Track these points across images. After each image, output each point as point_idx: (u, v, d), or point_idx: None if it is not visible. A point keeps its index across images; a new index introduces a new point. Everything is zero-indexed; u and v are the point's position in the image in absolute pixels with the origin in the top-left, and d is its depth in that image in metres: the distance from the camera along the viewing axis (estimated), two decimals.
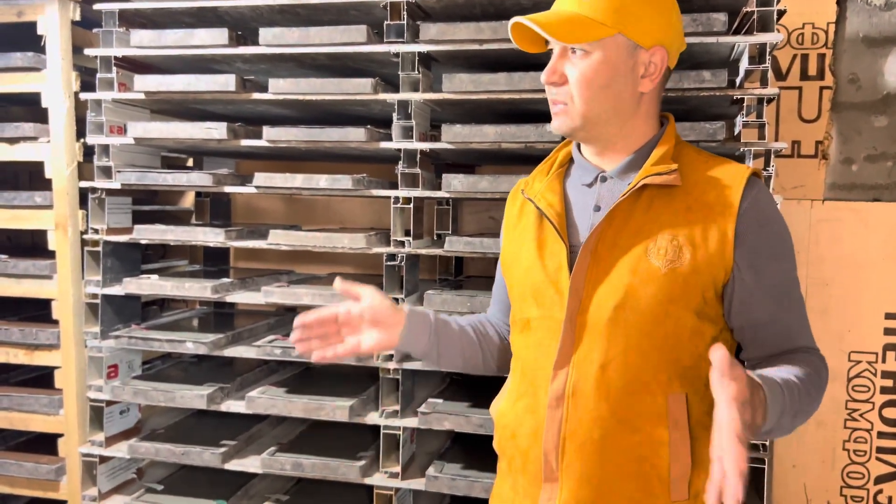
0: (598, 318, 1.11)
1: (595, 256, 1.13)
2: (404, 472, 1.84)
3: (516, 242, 1.27)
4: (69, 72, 1.97)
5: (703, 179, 1.13)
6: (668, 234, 1.10)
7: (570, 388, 1.12)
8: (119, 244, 2.02)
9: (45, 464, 2.06)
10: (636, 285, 1.09)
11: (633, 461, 1.10)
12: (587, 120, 1.14)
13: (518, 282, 1.24)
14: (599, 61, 1.11)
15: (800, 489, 2.28)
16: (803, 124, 2.28)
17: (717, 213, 1.10)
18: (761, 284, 1.11)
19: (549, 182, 1.25)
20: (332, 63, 1.91)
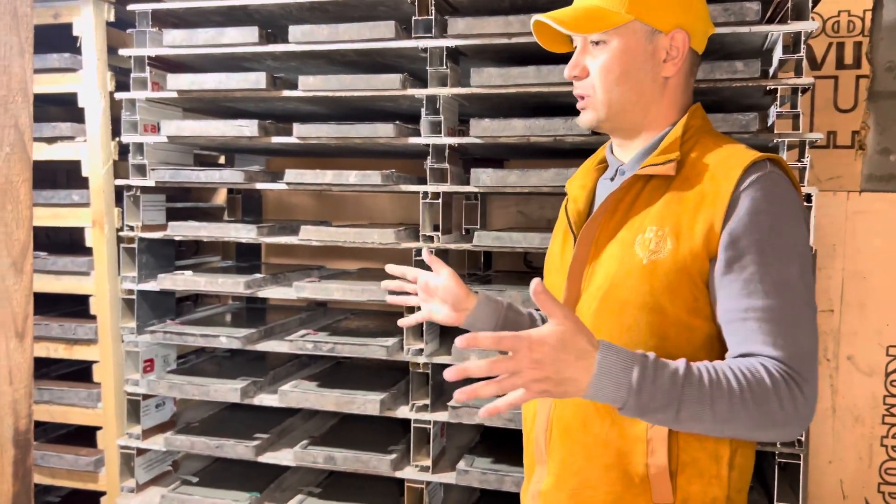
0: (587, 309, 1.11)
1: (595, 248, 1.14)
2: (435, 465, 1.85)
3: (553, 237, 1.32)
4: (104, 72, 2.01)
5: (707, 168, 1.08)
6: (656, 225, 1.07)
7: None
8: (154, 241, 2.06)
9: (85, 456, 2.11)
10: (620, 277, 1.08)
11: (613, 454, 1.08)
12: (610, 109, 1.14)
13: (546, 275, 1.28)
14: (618, 49, 1.12)
15: (836, 485, 2.24)
16: (839, 114, 2.23)
17: (708, 203, 1.04)
18: (732, 280, 1.01)
19: (582, 177, 1.28)
20: (360, 59, 1.92)
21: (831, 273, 2.21)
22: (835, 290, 2.21)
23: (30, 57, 0.67)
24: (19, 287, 0.69)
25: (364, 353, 1.86)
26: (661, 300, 1.05)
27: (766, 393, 0.94)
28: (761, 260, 1.00)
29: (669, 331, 1.05)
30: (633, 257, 1.07)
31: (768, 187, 1.03)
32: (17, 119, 0.65)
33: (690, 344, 1.05)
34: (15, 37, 0.65)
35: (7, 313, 0.68)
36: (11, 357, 0.68)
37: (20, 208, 0.69)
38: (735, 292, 1.01)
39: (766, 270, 1.00)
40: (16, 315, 0.69)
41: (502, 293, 1.76)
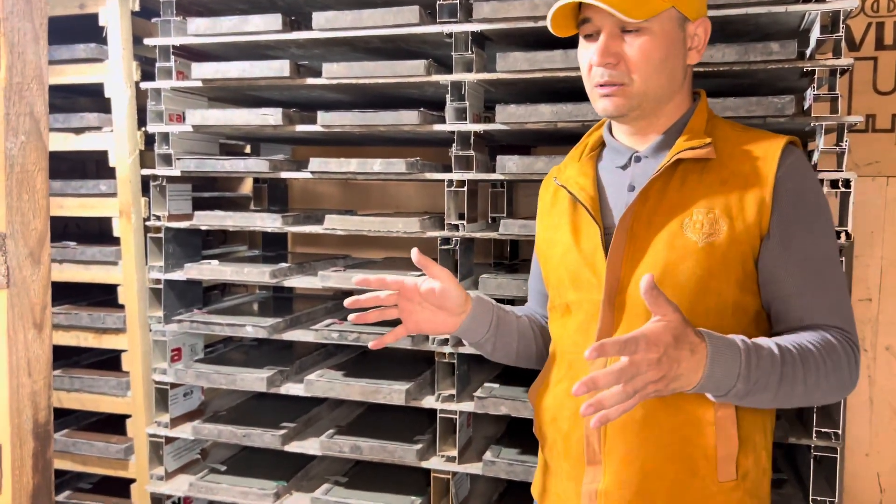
0: (637, 296, 1.08)
1: (631, 235, 1.12)
2: (461, 456, 1.84)
3: (551, 229, 1.27)
4: (130, 61, 2.01)
5: (739, 152, 1.12)
6: (704, 208, 1.08)
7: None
8: (180, 230, 2.07)
9: (115, 443, 2.13)
10: (674, 261, 1.08)
11: (677, 442, 1.08)
12: (644, 98, 1.12)
13: (555, 267, 1.24)
14: (658, 36, 1.10)
15: (873, 478, 2.19)
16: (878, 97, 2.16)
17: (753, 183, 1.08)
18: (789, 256, 1.08)
19: (580, 167, 1.25)
20: (384, 46, 1.89)
21: (869, 261, 2.14)
22: (873, 279, 2.14)
23: (44, 44, 0.66)
24: (37, 277, 0.68)
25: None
26: (718, 281, 1.08)
27: (839, 361, 1.03)
28: (812, 236, 1.08)
29: (726, 310, 1.08)
30: (685, 241, 1.08)
31: (805, 167, 1.11)
32: (32, 107, 0.64)
33: (742, 322, 1.10)
34: (29, 23, 0.64)
35: (25, 304, 0.67)
36: (30, 348, 0.67)
37: (37, 198, 0.68)
38: (792, 268, 1.07)
39: (816, 246, 1.08)
40: (34, 306, 0.69)
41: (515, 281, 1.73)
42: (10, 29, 0.63)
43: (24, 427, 0.66)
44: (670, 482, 1.09)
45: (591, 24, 1.13)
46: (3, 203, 0.65)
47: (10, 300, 0.66)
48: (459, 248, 1.81)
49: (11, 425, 0.67)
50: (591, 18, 1.12)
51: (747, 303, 1.10)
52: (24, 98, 0.62)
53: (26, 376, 0.66)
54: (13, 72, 0.63)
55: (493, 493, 1.99)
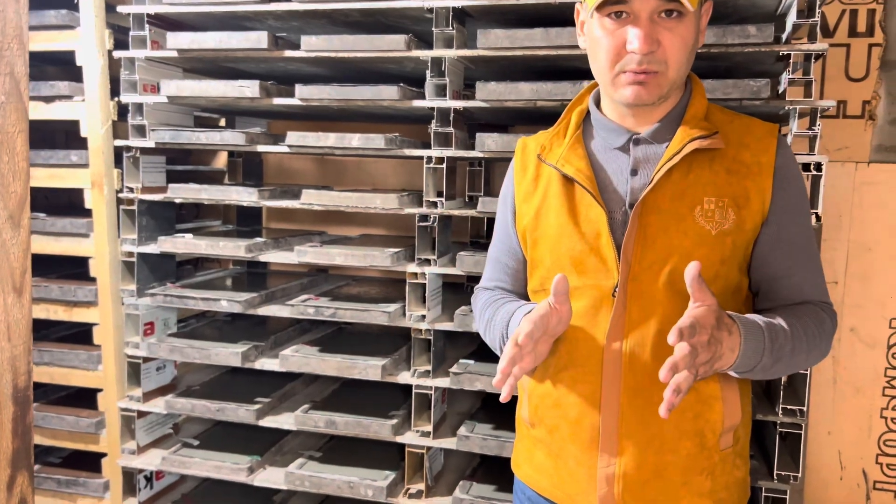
0: (652, 283, 1.10)
1: (643, 222, 1.11)
2: (436, 431, 1.86)
3: (540, 210, 1.21)
4: (102, 29, 1.97)
5: (736, 139, 1.14)
6: (714, 196, 1.10)
7: (626, 354, 1.11)
8: (154, 203, 2.04)
9: (86, 417, 2.11)
10: (689, 248, 1.09)
11: (691, 419, 1.13)
12: (673, 85, 1.11)
13: (547, 251, 1.19)
14: (692, 22, 1.08)
15: (834, 456, 2.26)
16: (850, 83, 2.20)
17: (756, 172, 1.12)
18: (781, 239, 1.13)
19: (570, 146, 1.20)
20: (364, 20, 1.88)
21: (836, 245, 2.19)
22: (839, 262, 2.20)
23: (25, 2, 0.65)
24: (17, 241, 0.67)
25: (366, 319, 1.85)
26: (727, 267, 1.12)
27: (828, 330, 1.14)
28: (801, 221, 1.15)
29: (728, 292, 1.14)
30: (699, 229, 1.10)
31: (793, 157, 1.17)
32: (12, 67, 0.63)
33: (738, 301, 1.16)
34: None
35: (4, 268, 0.66)
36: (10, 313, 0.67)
37: (17, 160, 0.66)
38: (784, 252, 1.14)
39: (803, 230, 1.16)
40: (13, 270, 0.68)
41: None
42: None
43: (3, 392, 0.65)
44: (684, 457, 1.13)
45: (626, 5, 1.05)
46: None
47: None
48: (437, 225, 1.81)
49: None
50: (629, 0, 1.05)
51: (743, 284, 1.16)
52: (3, 58, 0.60)
53: (6, 340, 0.65)
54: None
55: (467, 467, 2.02)
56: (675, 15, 1.05)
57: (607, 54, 1.08)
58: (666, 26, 1.05)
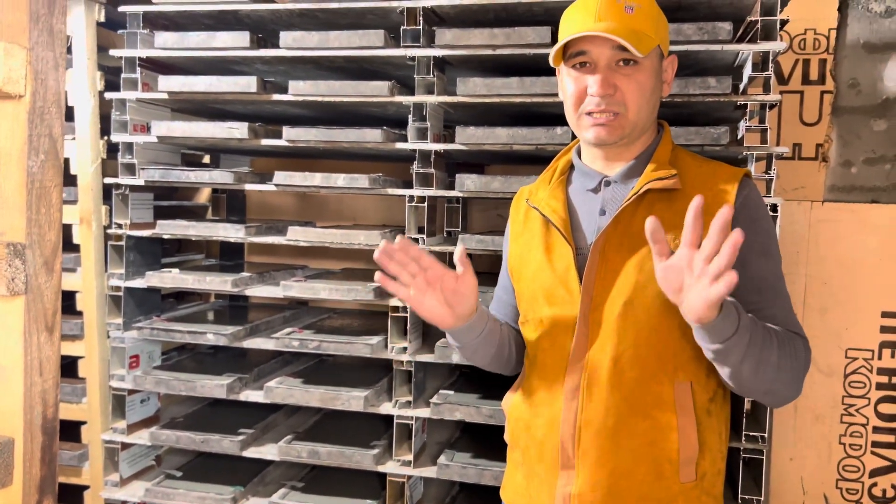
0: (610, 313, 1.18)
1: (603, 257, 1.20)
2: (416, 460, 1.92)
3: (524, 247, 1.34)
4: (94, 71, 2.04)
5: (700, 182, 1.22)
6: (670, 234, 1.13)
7: (585, 380, 1.19)
8: (141, 239, 2.09)
9: (69, 450, 2.13)
10: (643, 283, 1.17)
11: (645, 445, 1.17)
12: (634, 127, 1.21)
13: (528, 284, 1.31)
14: (650, 70, 1.20)
15: (797, 482, 2.35)
16: (804, 127, 2.34)
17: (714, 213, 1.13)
18: (747, 278, 1.16)
19: (552, 190, 1.32)
20: (349, 66, 1.97)
21: (794, 278, 2.32)
22: (797, 295, 2.32)
23: (63, 71, 0.72)
24: (50, 285, 0.74)
25: (350, 351, 1.91)
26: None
27: (798, 349, 1.15)
28: (765, 259, 1.20)
29: (686, 328, 1.15)
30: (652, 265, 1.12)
31: (758, 198, 1.23)
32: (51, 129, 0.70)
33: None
34: (50, 52, 0.70)
35: (39, 309, 0.73)
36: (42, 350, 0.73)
37: (52, 211, 0.73)
38: (749, 288, 1.17)
39: (768, 268, 1.20)
40: (46, 311, 0.74)
41: (485, 294, 1.83)
42: (35, 58, 0.69)
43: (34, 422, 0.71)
44: (638, 483, 1.17)
45: (586, 56, 1.19)
46: (23, 216, 0.70)
47: (27, 305, 0.72)
48: None
49: (24, 421, 0.72)
50: (588, 51, 1.18)
51: None
52: (44, 120, 0.68)
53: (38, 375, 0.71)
54: (36, 97, 0.69)
55: (447, 495, 2.08)
56: (632, 63, 1.18)
57: (572, 98, 1.22)
58: (623, 73, 1.18)
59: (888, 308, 2.24)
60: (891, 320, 2.24)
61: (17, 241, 0.72)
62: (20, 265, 0.72)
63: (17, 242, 0.72)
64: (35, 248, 0.72)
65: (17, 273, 0.71)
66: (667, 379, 1.18)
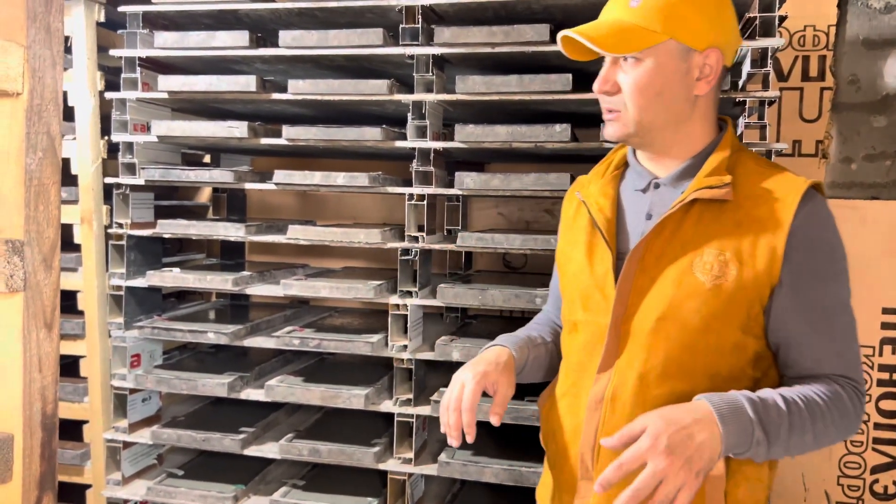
0: (642, 327, 1.11)
1: (642, 266, 1.12)
2: (417, 457, 1.92)
3: (570, 243, 1.27)
4: (94, 71, 2.04)
5: (757, 192, 1.10)
6: (716, 249, 1.08)
7: (609, 392, 1.12)
8: (142, 238, 2.10)
9: (71, 449, 2.13)
10: (680, 298, 1.08)
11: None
12: (641, 126, 1.13)
13: (568, 283, 1.25)
14: (652, 68, 1.10)
15: (798, 479, 2.35)
16: (804, 124, 2.34)
17: (768, 230, 1.07)
18: (798, 305, 1.07)
19: (602, 185, 1.24)
20: (348, 64, 1.98)
21: None
22: None
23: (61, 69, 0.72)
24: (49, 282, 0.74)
25: (350, 349, 1.92)
26: (720, 322, 1.08)
27: (845, 409, 1.07)
28: (824, 285, 1.08)
29: (724, 349, 1.09)
30: (693, 280, 1.08)
31: (823, 215, 1.09)
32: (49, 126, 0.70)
33: (740, 360, 1.10)
34: (48, 50, 0.70)
35: (38, 306, 0.73)
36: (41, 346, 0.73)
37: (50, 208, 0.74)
38: (802, 318, 1.08)
39: (827, 295, 1.09)
40: (45, 307, 0.74)
41: (484, 292, 1.84)
42: (33, 56, 0.69)
43: (34, 419, 0.72)
44: None
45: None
46: (21, 213, 0.70)
47: (26, 302, 0.72)
48: (419, 258, 1.90)
49: (24, 417, 0.72)
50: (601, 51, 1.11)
51: (747, 343, 1.10)
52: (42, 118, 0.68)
53: (37, 372, 0.72)
54: (34, 94, 0.69)
55: (447, 493, 2.08)
56: (631, 60, 1.10)
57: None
58: (622, 70, 1.12)
59: (889, 304, 2.24)
60: (891, 317, 2.24)
61: (15, 238, 0.73)
62: (18, 262, 0.72)
63: (16, 239, 0.72)
64: (33, 245, 0.73)
65: (15, 270, 0.72)
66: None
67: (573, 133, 1.80)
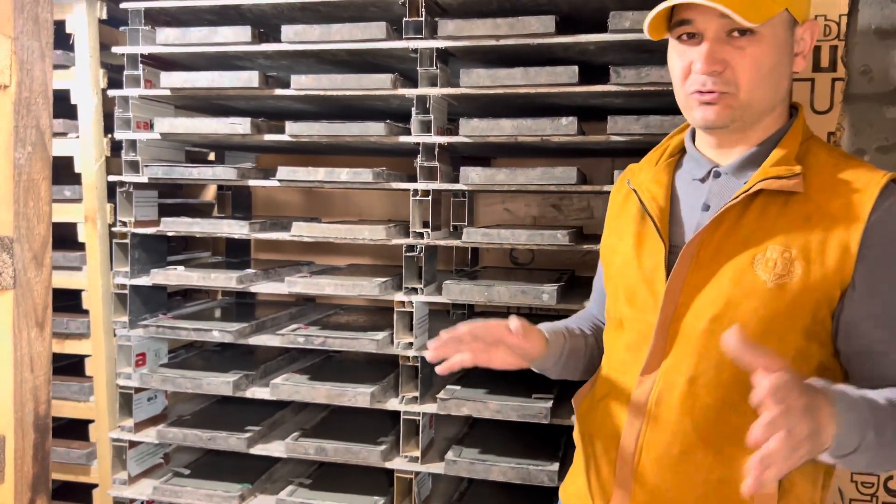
0: (693, 327, 1.02)
1: (697, 261, 1.03)
2: (424, 456, 1.90)
3: (616, 234, 1.19)
4: (97, 69, 2.03)
5: (830, 185, 1.00)
6: (780, 246, 0.99)
7: (654, 396, 1.04)
8: (146, 236, 2.09)
9: (77, 449, 2.13)
10: (738, 297, 0.99)
11: (713, 483, 1.01)
12: (748, 109, 1.02)
13: (613, 276, 1.17)
14: (769, 42, 0.99)
15: None
16: (816, 116, 2.30)
17: (841, 225, 0.97)
18: (875, 310, 0.97)
19: (656, 173, 1.15)
20: (351, 59, 1.96)
21: None
22: None
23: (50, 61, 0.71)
24: (40, 279, 0.73)
25: (355, 347, 1.90)
26: (783, 325, 0.99)
27: None
28: None
29: (786, 355, 0.98)
30: (754, 279, 0.99)
31: None
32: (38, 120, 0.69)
33: (803, 370, 1.00)
34: (36, 41, 0.69)
35: (29, 304, 0.72)
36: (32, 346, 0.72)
37: (41, 204, 0.72)
38: (878, 324, 0.98)
39: None
40: (36, 306, 0.73)
41: (490, 288, 1.81)
42: (21, 47, 0.68)
43: (26, 420, 0.70)
44: None
45: (691, 26, 1.01)
46: (10, 209, 0.69)
47: (16, 300, 0.71)
48: (424, 254, 1.87)
49: (15, 418, 0.71)
50: (694, 20, 1.00)
51: (812, 351, 1.01)
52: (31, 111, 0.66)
53: (29, 372, 0.70)
54: (22, 87, 0.67)
55: (455, 491, 2.06)
56: (748, 34, 0.98)
57: (678, 75, 1.05)
58: (736, 45, 0.99)
59: None
60: None
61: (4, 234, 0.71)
62: (7, 259, 0.71)
63: (5, 236, 0.71)
64: (23, 241, 0.71)
65: (4, 267, 0.70)
66: (749, 410, 0.91)
67: (580, 126, 1.77)
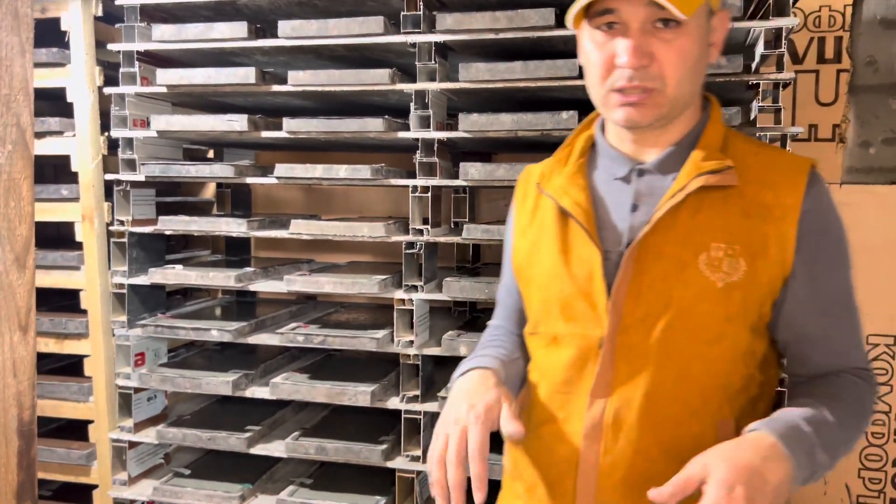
0: (644, 339, 0.97)
1: (639, 268, 0.97)
2: (425, 455, 1.88)
3: (533, 245, 1.11)
4: (93, 66, 2.01)
5: (758, 176, 0.98)
6: (724, 243, 0.96)
7: (609, 417, 0.98)
8: (144, 235, 2.07)
9: (77, 449, 2.11)
10: (689, 302, 0.96)
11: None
12: (674, 105, 0.97)
13: (539, 290, 1.09)
14: (694, 34, 0.94)
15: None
16: (820, 108, 2.27)
17: (777, 217, 0.96)
18: (815, 296, 0.97)
19: (570, 175, 1.08)
20: (349, 54, 1.93)
21: None
22: None
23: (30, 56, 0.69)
24: (22, 282, 0.71)
25: (355, 346, 1.88)
26: (734, 326, 0.97)
27: (867, 403, 1.00)
28: (836, 274, 1.00)
29: (737, 356, 0.98)
30: (703, 279, 0.95)
31: (828, 196, 1.00)
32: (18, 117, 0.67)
33: (749, 367, 1.00)
34: (16, 37, 0.67)
35: (11, 307, 0.70)
36: (15, 350, 0.70)
37: (22, 204, 0.70)
38: (818, 310, 0.99)
39: (840, 284, 1.00)
40: (19, 309, 0.71)
41: (491, 285, 1.79)
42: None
43: (9, 426, 0.68)
44: None
45: (614, 15, 0.93)
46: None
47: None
48: (424, 251, 1.85)
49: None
50: (617, 9, 0.93)
51: (756, 347, 1.00)
52: (11, 109, 0.65)
53: (11, 377, 0.68)
54: (1, 84, 0.66)
55: None
56: (673, 24, 0.92)
57: (597, 70, 0.97)
58: (662, 37, 0.93)
59: None
60: None
61: None
62: None
63: None
64: (4, 243, 0.69)
65: None
66: (709, 417, 0.96)
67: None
